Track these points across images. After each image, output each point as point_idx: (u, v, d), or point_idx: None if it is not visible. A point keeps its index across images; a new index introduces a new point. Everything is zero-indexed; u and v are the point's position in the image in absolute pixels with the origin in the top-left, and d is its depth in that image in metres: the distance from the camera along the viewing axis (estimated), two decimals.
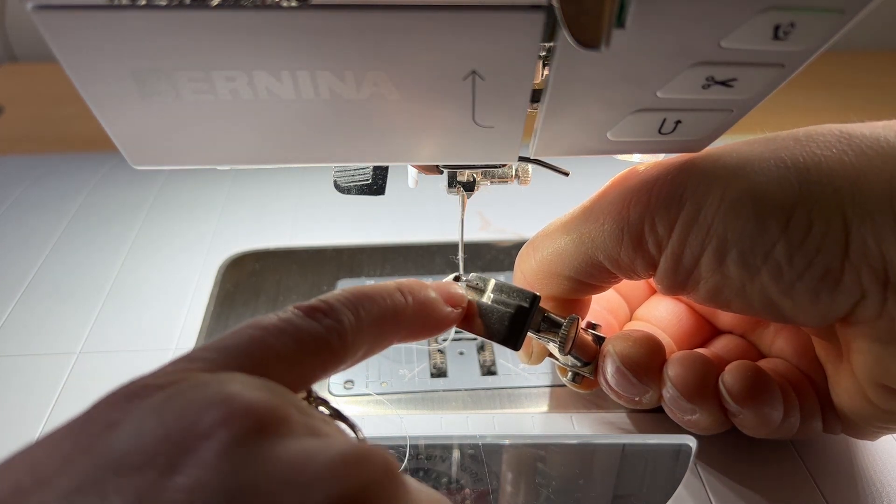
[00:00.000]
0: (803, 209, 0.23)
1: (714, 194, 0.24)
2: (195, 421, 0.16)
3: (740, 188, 0.24)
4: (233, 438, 0.16)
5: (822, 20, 0.19)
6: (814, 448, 0.31)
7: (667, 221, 0.25)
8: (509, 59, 0.19)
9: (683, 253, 0.25)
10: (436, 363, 0.37)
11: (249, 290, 0.42)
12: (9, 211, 0.49)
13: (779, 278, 0.24)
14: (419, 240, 0.47)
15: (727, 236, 0.24)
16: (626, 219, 0.26)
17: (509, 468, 0.31)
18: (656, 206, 0.25)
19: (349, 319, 0.23)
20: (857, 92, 0.68)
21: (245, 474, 0.15)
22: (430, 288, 0.27)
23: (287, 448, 0.16)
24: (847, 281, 0.24)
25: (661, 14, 0.18)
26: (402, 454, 0.31)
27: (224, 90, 0.20)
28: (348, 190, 0.29)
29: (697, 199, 0.25)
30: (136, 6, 0.17)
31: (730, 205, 0.24)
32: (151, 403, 0.17)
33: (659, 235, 0.26)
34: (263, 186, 0.53)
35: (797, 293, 0.24)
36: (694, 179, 0.25)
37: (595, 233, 0.27)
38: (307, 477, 0.15)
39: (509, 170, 0.30)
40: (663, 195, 0.25)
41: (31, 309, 0.40)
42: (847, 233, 0.23)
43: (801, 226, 0.24)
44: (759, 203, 0.24)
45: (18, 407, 0.34)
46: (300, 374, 0.21)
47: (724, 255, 0.25)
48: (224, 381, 0.18)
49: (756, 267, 0.24)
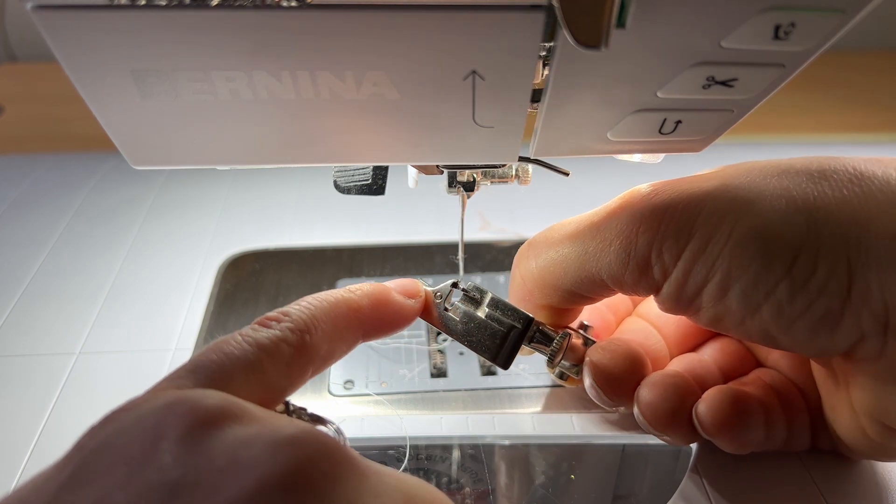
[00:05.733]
0: (809, 252, 0.23)
1: (723, 230, 0.24)
2: (148, 427, 0.18)
3: (749, 226, 0.24)
4: (181, 435, 0.17)
5: (822, 20, 0.19)
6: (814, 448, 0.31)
7: (674, 251, 0.25)
8: (509, 59, 0.19)
9: (687, 282, 0.25)
10: (436, 363, 0.37)
11: (249, 290, 0.42)
12: (9, 211, 0.49)
13: (779, 316, 0.24)
14: (419, 240, 0.47)
15: (731, 272, 0.24)
16: (634, 243, 0.26)
17: (509, 468, 0.31)
18: (665, 235, 0.25)
19: (302, 319, 0.24)
20: (857, 92, 0.68)
21: (188, 464, 0.17)
22: (384, 284, 0.28)
23: (230, 436, 0.18)
24: (847, 323, 0.24)
25: (662, 14, 0.18)
26: (403, 454, 0.31)
27: (224, 90, 0.20)
28: (348, 190, 0.29)
29: (706, 232, 0.25)
30: (136, 6, 0.17)
31: (737, 241, 0.24)
32: (118, 422, 0.19)
33: (665, 263, 0.26)
34: (263, 186, 0.53)
35: (796, 330, 0.25)
36: (705, 212, 0.25)
37: (601, 252, 0.27)
38: (247, 459, 0.17)
39: (509, 170, 0.30)
40: (673, 224, 0.25)
41: (31, 309, 0.40)
42: (851, 277, 0.23)
43: (806, 268, 0.24)
44: (767, 243, 0.24)
45: (18, 407, 0.34)
46: (267, 381, 0.22)
47: (727, 289, 0.25)
48: (180, 391, 0.20)
49: (757, 303, 0.25)
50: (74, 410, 0.34)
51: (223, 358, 0.22)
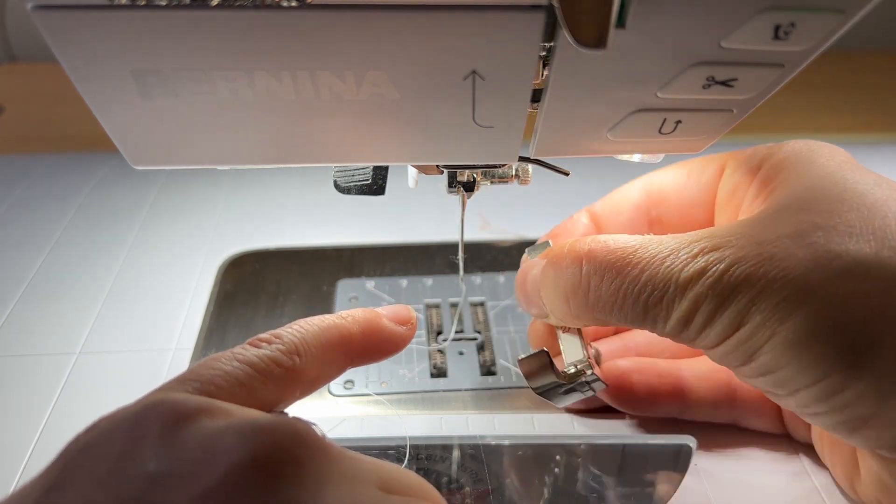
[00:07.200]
0: (841, 374, 0.23)
1: (769, 324, 0.23)
2: (129, 427, 0.19)
3: (797, 328, 0.23)
4: (160, 431, 0.18)
5: (822, 20, 0.19)
6: (814, 448, 0.31)
7: (721, 326, 0.24)
8: (509, 59, 0.19)
9: (716, 350, 0.25)
10: (436, 363, 0.37)
11: (249, 290, 0.42)
12: (9, 211, 0.49)
13: (800, 407, 0.25)
14: (419, 240, 0.47)
15: (769, 363, 0.24)
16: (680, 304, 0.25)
17: (509, 468, 0.31)
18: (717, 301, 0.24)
19: (293, 342, 0.24)
20: (857, 92, 0.68)
21: (165, 457, 0.18)
22: (376, 311, 0.28)
23: (204, 428, 0.18)
24: (868, 430, 0.24)
25: (662, 14, 0.18)
26: (403, 454, 0.31)
27: (224, 90, 0.20)
28: (348, 190, 0.29)
29: (755, 314, 0.24)
30: (136, 6, 0.17)
31: (783, 339, 0.23)
32: (102, 425, 0.20)
33: (704, 328, 0.25)
34: (263, 186, 0.53)
35: (814, 419, 0.25)
36: (762, 299, 0.24)
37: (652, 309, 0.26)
38: (220, 448, 0.18)
39: (509, 170, 0.30)
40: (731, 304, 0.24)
41: (31, 309, 0.40)
42: (882, 402, 0.23)
43: (837, 386, 0.23)
44: (805, 350, 0.23)
45: (18, 407, 0.34)
46: (254, 398, 0.23)
47: (756, 374, 0.25)
48: (162, 393, 0.20)
49: (779, 395, 0.25)
50: (74, 410, 0.34)
51: (212, 372, 0.22)
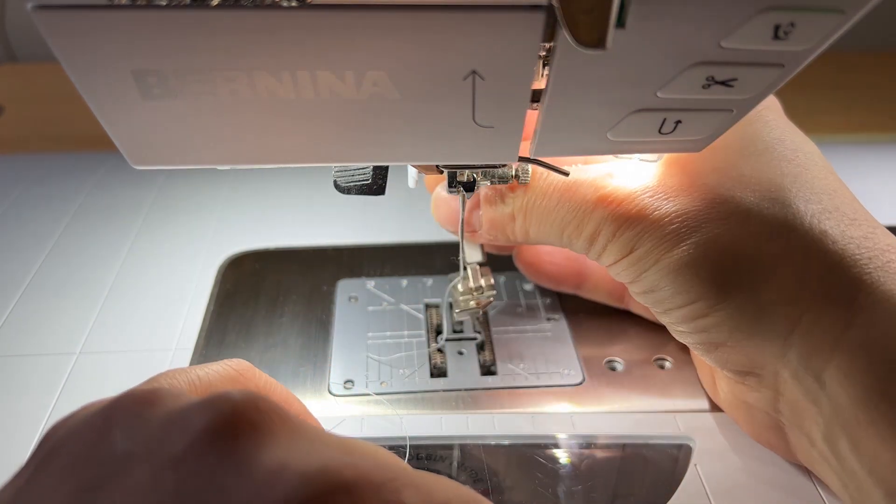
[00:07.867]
0: (706, 302, 0.27)
1: (655, 252, 0.27)
2: (101, 416, 0.19)
3: (678, 258, 0.27)
4: (128, 415, 0.19)
5: (822, 20, 0.19)
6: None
7: (618, 247, 0.28)
8: (509, 59, 0.19)
9: (613, 267, 0.29)
10: (436, 363, 0.37)
11: (249, 290, 0.42)
12: (9, 211, 0.49)
13: (671, 324, 0.29)
14: (419, 240, 0.47)
15: (651, 284, 0.28)
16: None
17: (509, 468, 0.31)
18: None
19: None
20: (857, 92, 0.68)
21: (133, 437, 0.18)
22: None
23: (169, 405, 0.19)
24: (718, 353, 0.28)
25: (661, 14, 0.18)
26: (403, 454, 0.31)
27: (224, 90, 0.20)
28: (348, 190, 0.29)
29: (646, 241, 0.27)
30: (136, 6, 0.17)
31: (665, 265, 0.27)
32: (74, 418, 0.20)
33: (604, 248, 0.29)
34: (263, 186, 0.53)
35: (681, 336, 0.30)
36: (652, 229, 0.27)
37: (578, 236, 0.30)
38: (181, 421, 0.18)
39: (509, 170, 0.30)
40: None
41: (31, 309, 0.40)
42: (731, 332, 0.27)
43: (701, 311, 0.27)
44: (681, 278, 0.27)
45: (18, 407, 0.34)
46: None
47: (641, 290, 0.29)
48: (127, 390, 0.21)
49: (657, 312, 0.29)
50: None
51: (172, 376, 0.23)
